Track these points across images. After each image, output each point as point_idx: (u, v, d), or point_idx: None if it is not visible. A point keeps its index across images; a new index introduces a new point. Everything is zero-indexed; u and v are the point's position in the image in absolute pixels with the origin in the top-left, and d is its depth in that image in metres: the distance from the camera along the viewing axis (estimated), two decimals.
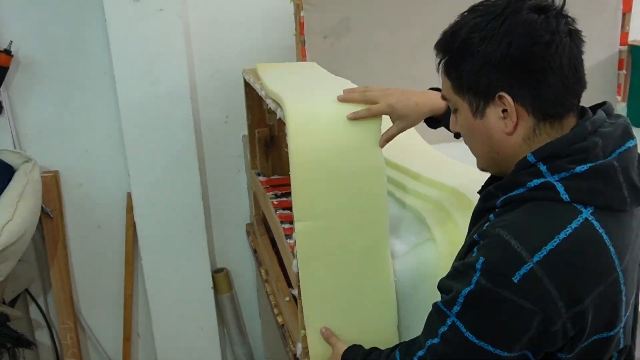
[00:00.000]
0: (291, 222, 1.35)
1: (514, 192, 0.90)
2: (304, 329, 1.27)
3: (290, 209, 1.48)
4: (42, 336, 2.37)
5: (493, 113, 0.92)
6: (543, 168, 0.88)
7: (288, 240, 1.42)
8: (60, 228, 2.24)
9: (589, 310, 0.85)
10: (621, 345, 0.93)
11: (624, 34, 2.31)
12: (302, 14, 1.97)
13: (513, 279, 0.83)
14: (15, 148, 2.14)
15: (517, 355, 0.87)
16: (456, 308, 0.88)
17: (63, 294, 2.27)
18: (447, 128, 1.24)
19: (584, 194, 0.86)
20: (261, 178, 1.97)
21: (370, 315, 1.25)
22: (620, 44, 2.31)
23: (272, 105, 1.34)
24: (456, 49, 0.92)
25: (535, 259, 0.82)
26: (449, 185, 1.38)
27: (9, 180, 1.92)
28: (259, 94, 1.54)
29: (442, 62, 0.96)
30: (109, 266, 2.38)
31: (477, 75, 0.90)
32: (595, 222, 0.85)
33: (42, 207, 2.09)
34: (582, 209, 0.85)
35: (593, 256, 0.85)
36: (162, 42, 2.05)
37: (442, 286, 0.94)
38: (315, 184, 1.15)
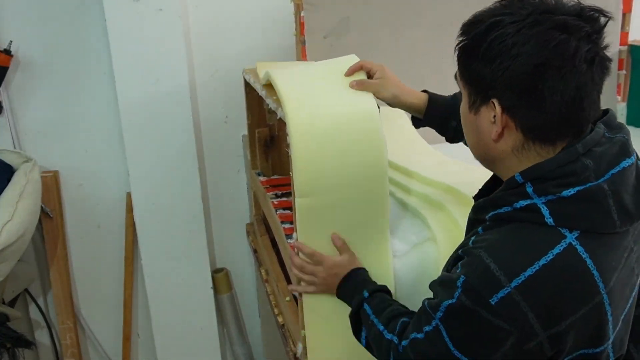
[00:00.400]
0: (291, 222, 1.35)
1: (502, 210, 0.90)
2: (304, 329, 1.27)
3: (290, 208, 1.48)
4: (41, 336, 2.37)
5: (486, 114, 0.91)
6: (530, 189, 0.87)
7: (288, 240, 1.42)
8: (60, 228, 2.24)
9: (568, 332, 0.85)
10: (611, 359, 0.93)
11: (624, 34, 2.31)
12: (302, 13, 1.97)
13: (490, 301, 0.83)
14: (15, 148, 2.14)
15: None
16: (439, 314, 0.90)
17: (63, 294, 2.27)
18: (431, 126, 1.31)
19: (569, 219, 0.85)
20: (261, 178, 1.97)
21: None
22: (620, 44, 2.31)
23: (272, 105, 1.34)
24: (472, 39, 0.89)
25: (513, 284, 0.83)
26: (450, 184, 1.38)
27: (9, 180, 1.93)
28: (259, 94, 1.54)
29: (459, 44, 0.93)
30: (108, 266, 2.38)
31: (481, 73, 0.88)
32: (579, 247, 0.84)
33: (41, 207, 2.09)
34: (567, 234, 0.84)
35: (574, 281, 0.84)
36: (162, 42, 2.05)
37: (432, 288, 0.97)
38: (316, 159, 1.15)
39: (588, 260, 0.84)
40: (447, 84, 2.10)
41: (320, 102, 1.17)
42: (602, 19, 0.85)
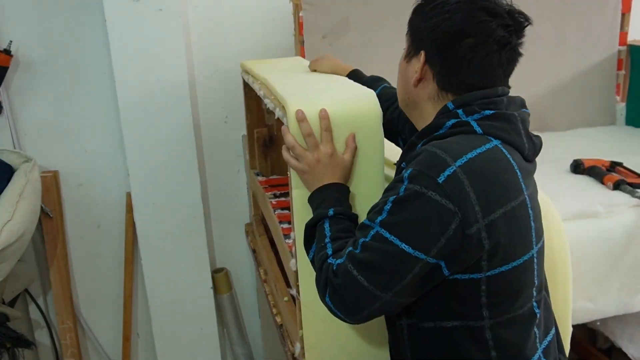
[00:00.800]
0: (289, 222, 1.35)
1: (435, 134, 1.04)
2: (302, 329, 1.27)
3: (288, 208, 1.49)
4: (41, 336, 2.37)
5: (415, 63, 1.08)
6: (460, 111, 1.03)
7: (287, 240, 1.42)
8: (60, 228, 2.24)
9: (500, 223, 0.94)
10: (535, 282, 1.02)
11: (623, 34, 2.31)
12: (301, 13, 1.97)
13: (438, 179, 0.92)
14: (14, 148, 2.14)
15: (432, 262, 0.94)
16: (380, 217, 0.96)
17: (62, 293, 2.27)
18: None
19: (492, 129, 1.01)
20: (260, 178, 1.97)
21: None
22: (620, 44, 2.31)
23: (270, 105, 1.34)
24: (419, 6, 1.09)
25: (458, 163, 0.94)
26: None
27: (9, 180, 1.93)
28: (258, 94, 1.55)
29: (415, 5, 1.11)
30: (108, 266, 2.38)
31: (420, 27, 1.06)
32: (504, 149, 0.99)
33: (41, 207, 2.09)
34: (493, 139, 1.00)
35: (503, 172, 0.97)
36: (162, 42, 2.05)
37: (367, 214, 1.02)
38: None
39: (512, 161, 0.99)
40: None
41: (320, 98, 1.17)
42: (525, 22, 1.04)
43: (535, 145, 1.07)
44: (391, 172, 1.51)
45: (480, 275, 0.96)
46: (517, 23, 1.03)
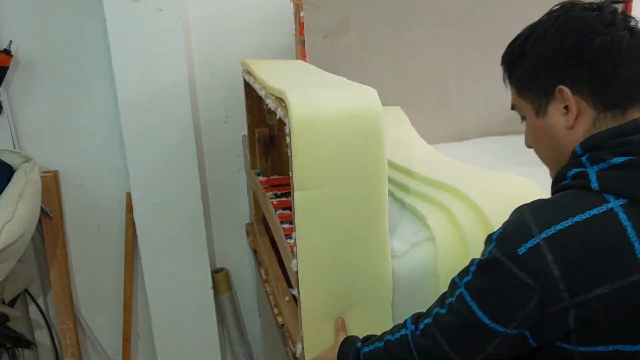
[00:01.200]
0: (291, 222, 1.35)
1: (561, 184, 0.91)
2: (303, 329, 1.27)
3: (289, 208, 1.48)
4: (41, 336, 2.37)
5: (555, 110, 0.93)
6: (584, 159, 0.88)
7: (288, 240, 1.42)
8: (60, 228, 2.24)
9: (599, 304, 0.80)
10: None
11: None
12: (301, 13, 1.97)
13: (518, 250, 0.83)
14: (14, 148, 2.14)
15: (514, 333, 0.86)
16: (467, 278, 0.90)
17: (62, 294, 2.27)
18: None
19: (614, 183, 0.83)
20: (261, 178, 1.97)
21: (365, 285, 1.24)
22: None
23: (272, 105, 1.34)
24: (513, 53, 0.97)
25: (543, 235, 0.82)
26: (449, 184, 1.38)
27: (9, 180, 1.93)
28: (259, 94, 1.54)
29: (505, 70, 1.00)
30: (108, 266, 2.38)
31: (534, 73, 0.93)
32: (621, 214, 0.81)
33: (41, 207, 2.09)
34: (612, 200, 0.82)
35: (608, 246, 0.80)
36: (162, 42, 2.05)
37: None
38: (315, 152, 1.14)
39: (630, 230, 0.80)
40: (447, 83, 2.11)
41: (322, 96, 1.16)
42: (620, 5, 0.92)
43: None
44: (395, 174, 1.51)
45: (571, 347, 0.85)
46: (614, 9, 0.92)
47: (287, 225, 1.51)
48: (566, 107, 0.92)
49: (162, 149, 2.15)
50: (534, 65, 0.94)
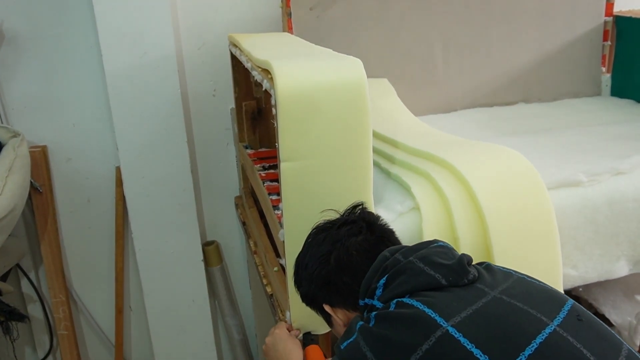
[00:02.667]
0: (278, 194, 1.36)
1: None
2: (289, 298, 1.30)
3: (277, 180, 1.50)
4: (34, 310, 2.39)
5: (335, 318, 1.11)
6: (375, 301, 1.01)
7: (276, 211, 1.44)
8: (50, 203, 2.25)
9: None
10: None
11: (609, 5, 2.32)
12: None
13: (341, 346, 0.95)
14: (2, 123, 2.13)
15: None
16: None
17: (54, 268, 2.28)
18: None
19: (394, 289, 0.96)
20: (249, 151, 1.98)
21: None
22: (606, 15, 2.32)
23: (258, 77, 1.34)
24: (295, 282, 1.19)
25: (358, 331, 0.94)
26: (434, 154, 1.40)
27: None
28: (245, 67, 1.55)
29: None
30: (99, 240, 2.39)
31: (307, 296, 1.14)
32: (409, 300, 0.92)
33: (31, 182, 2.09)
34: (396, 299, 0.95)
35: (405, 319, 0.89)
36: (149, 15, 2.04)
37: None
38: (301, 123, 1.16)
39: (418, 304, 0.90)
40: (433, 55, 2.12)
41: (307, 67, 1.17)
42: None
43: (452, 266, 0.95)
44: (381, 145, 1.53)
45: None
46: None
47: (274, 197, 1.53)
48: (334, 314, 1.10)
49: (151, 123, 2.15)
50: (304, 291, 1.14)
